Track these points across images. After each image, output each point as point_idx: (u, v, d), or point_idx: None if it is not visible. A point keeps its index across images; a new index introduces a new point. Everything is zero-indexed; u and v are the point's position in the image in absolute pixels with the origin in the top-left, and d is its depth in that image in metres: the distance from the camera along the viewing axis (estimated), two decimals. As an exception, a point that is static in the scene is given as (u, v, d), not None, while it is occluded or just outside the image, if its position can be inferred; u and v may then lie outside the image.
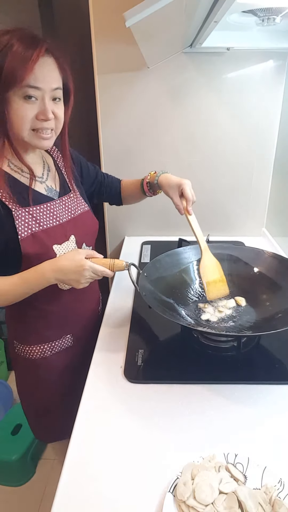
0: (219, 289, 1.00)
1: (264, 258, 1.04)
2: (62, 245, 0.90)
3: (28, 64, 0.73)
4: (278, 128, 1.41)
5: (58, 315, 0.98)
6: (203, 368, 0.86)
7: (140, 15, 0.68)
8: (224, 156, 1.46)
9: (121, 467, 0.65)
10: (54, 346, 1.00)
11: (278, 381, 0.82)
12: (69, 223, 0.93)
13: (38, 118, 0.79)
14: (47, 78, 0.77)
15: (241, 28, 1.02)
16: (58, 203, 0.92)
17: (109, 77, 1.34)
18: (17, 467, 1.50)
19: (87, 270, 0.81)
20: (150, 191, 1.12)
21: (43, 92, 0.77)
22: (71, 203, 0.96)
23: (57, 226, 0.90)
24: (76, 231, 0.94)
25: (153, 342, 0.96)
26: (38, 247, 0.85)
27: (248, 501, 0.56)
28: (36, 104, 0.78)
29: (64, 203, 0.94)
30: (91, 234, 1.02)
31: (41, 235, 0.86)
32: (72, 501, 0.60)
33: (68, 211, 0.95)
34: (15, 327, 1.01)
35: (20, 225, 0.83)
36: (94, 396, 0.79)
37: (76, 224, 0.95)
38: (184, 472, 0.61)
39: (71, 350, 1.04)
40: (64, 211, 0.93)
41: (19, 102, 0.76)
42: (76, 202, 0.98)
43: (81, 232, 0.96)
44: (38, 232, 0.85)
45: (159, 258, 1.04)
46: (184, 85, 1.35)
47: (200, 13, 0.83)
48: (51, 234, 0.87)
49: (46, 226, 0.87)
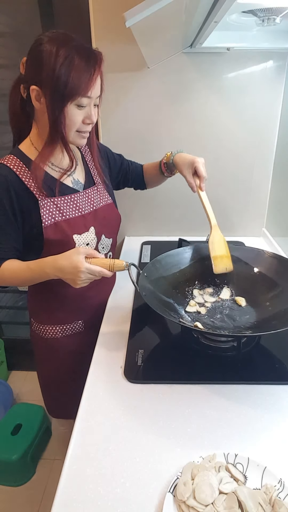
0: (225, 263, 1.04)
1: (264, 258, 1.04)
2: (82, 235, 0.96)
3: (91, 81, 0.82)
4: (278, 128, 1.40)
5: (72, 299, 1.05)
6: (203, 368, 0.86)
7: (140, 15, 0.68)
8: (224, 156, 1.46)
9: (121, 467, 0.65)
10: (65, 329, 1.08)
11: (278, 381, 0.82)
12: (90, 215, 0.99)
13: (85, 122, 0.88)
14: (96, 89, 0.85)
15: (241, 28, 1.02)
16: (82, 195, 0.98)
17: (109, 77, 1.34)
18: (17, 467, 1.50)
19: (82, 272, 0.81)
20: (168, 171, 1.16)
21: (91, 100, 0.86)
22: (94, 195, 1.02)
23: (78, 217, 0.96)
24: (96, 223, 1.00)
25: (153, 342, 0.96)
26: (59, 235, 0.92)
27: (248, 501, 0.56)
28: (84, 110, 0.86)
29: (88, 195, 1.00)
30: (112, 227, 1.08)
31: (63, 224, 0.92)
32: (72, 501, 0.60)
33: (91, 203, 1.00)
34: (34, 305, 1.11)
35: (45, 214, 0.90)
36: (94, 396, 0.79)
37: (97, 216, 1.01)
38: (184, 472, 0.61)
39: (81, 335, 1.11)
40: (86, 203, 0.99)
41: (73, 109, 0.84)
42: (99, 195, 1.04)
43: (101, 224, 1.02)
44: (60, 221, 0.92)
45: (159, 258, 1.04)
46: (184, 85, 1.35)
47: (200, 13, 0.83)
48: (72, 224, 0.94)
49: (69, 217, 0.94)
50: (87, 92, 0.82)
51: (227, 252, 1.05)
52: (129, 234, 1.64)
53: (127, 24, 0.70)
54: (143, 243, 1.55)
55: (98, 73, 0.84)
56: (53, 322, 1.08)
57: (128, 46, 1.27)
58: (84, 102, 0.84)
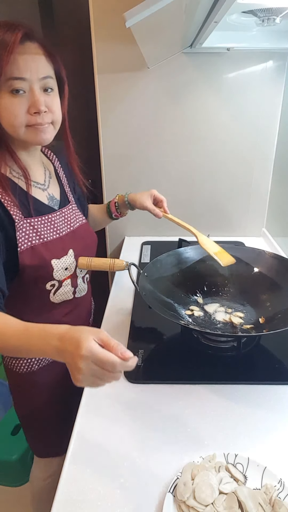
0: (227, 256, 1.02)
1: (265, 258, 1.04)
2: (61, 259, 0.86)
3: (5, 54, 0.66)
4: (278, 128, 1.40)
5: None
6: (203, 368, 0.86)
7: (140, 15, 0.68)
8: (224, 156, 1.46)
9: (121, 467, 0.65)
10: (41, 359, 0.93)
11: (278, 381, 0.82)
12: (68, 236, 0.89)
13: (30, 112, 0.73)
14: (31, 67, 0.70)
15: (241, 28, 1.02)
16: (59, 215, 0.89)
17: (109, 77, 1.34)
18: (17, 467, 1.50)
19: (82, 358, 0.52)
20: (118, 212, 1.12)
21: (30, 83, 0.71)
22: (70, 214, 0.92)
23: (56, 239, 0.86)
24: (75, 245, 0.90)
25: (153, 342, 0.96)
26: (36, 260, 0.80)
27: (248, 501, 0.56)
28: (25, 97, 0.72)
29: (64, 214, 0.91)
30: (90, 248, 0.98)
31: (41, 248, 0.81)
32: (72, 501, 0.60)
33: (68, 223, 0.91)
34: None
35: (21, 237, 0.79)
36: (94, 396, 0.79)
37: (75, 237, 0.92)
38: (184, 472, 0.61)
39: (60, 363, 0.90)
40: (63, 223, 0.90)
41: (6, 97, 0.70)
42: (75, 214, 0.95)
43: (80, 245, 0.92)
44: (38, 245, 0.81)
45: (159, 258, 1.04)
46: (184, 85, 1.35)
47: (200, 13, 0.83)
48: (50, 248, 0.84)
49: (46, 239, 0.83)
50: (5, 70, 0.67)
51: (220, 247, 1.05)
52: (129, 234, 1.63)
53: (127, 24, 0.70)
54: (143, 243, 1.55)
55: (15, 45, 0.67)
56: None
57: (128, 46, 1.27)
58: (18, 85, 0.70)
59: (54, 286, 0.86)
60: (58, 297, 0.89)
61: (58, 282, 0.86)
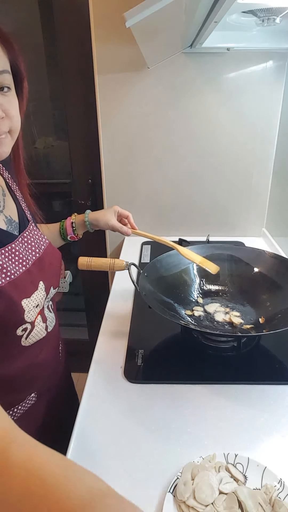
0: (211, 264, 1.02)
1: (265, 258, 1.04)
2: (32, 297, 0.69)
3: None
4: (278, 128, 1.41)
5: (21, 375, 0.75)
6: (203, 368, 0.86)
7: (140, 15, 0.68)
8: (224, 156, 1.46)
9: (120, 467, 0.65)
10: (16, 411, 0.77)
11: (278, 381, 0.82)
12: (35, 266, 0.72)
13: None
14: None
15: (241, 28, 1.02)
16: (21, 242, 0.71)
17: (109, 77, 1.34)
18: None
19: None
20: (74, 233, 0.99)
21: None
22: (33, 238, 0.75)
23: (24, 273, 0.69)
24: (44, 275, 0.74)
25: (153, 342, 0.96)
26: (3, 305, 0.63)
27: (248, 501, 0.56)
28: None
29: (27, 239, 0.73)
30: (57, 273, 0.82)
31: (8, 288, 0.63)
32: (72, 501, 0.60)
33: (32, 249, 0.73)
34: None
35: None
36: (94, 396, 0.79)
37: (43, 265, 0.75)
38: (184, 472, 0.61)
39: (35, 407, 0.81)
40: (28, 250, 0.72)
41: None
42: (38, 236, 0.77)
43: (49, 274, 0.76)
44: (4, 285, 0.63)
45: (159, 258, 1.04)
46: (184, 85, 1.35)
47: (200, 13, 0.83)
48: (19, 286, 0.66)
49: (14, 276, 0.65)
50: None
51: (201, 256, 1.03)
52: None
53: (127, 24, 0.70)
54: (143, 243, 1.55)
55: None
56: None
57: (128, 46, 1.27)
58: None
59: (27, 330, 0.70)
60: (30, 340, 0.72)
61: (30, 324, 0.70)
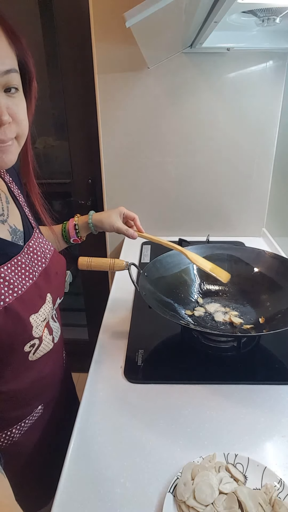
0: (222, 271, 1.00)
1: (265, 258, 1.04)
2: (40, 312, 0.65)
3: None
4: (278, 128, 1.41)
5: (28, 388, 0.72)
6: (203, 368, 0.86)
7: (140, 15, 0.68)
8: (224, 156, 1.46)
9: (121, 467, 0.65)
10: (23, 425, 0.75)
11: (278, 381, 0.82)
12: (42, 278, 0.68)
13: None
14: None
15: (241, 28, 1.02)
16: (27, 252, 0.67)
17: (109, 77, 1.34)
18: None
19: None
20: (78, 236, 0.94)
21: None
22: (39, 247, 0.70)
23: (31, 287, 0.65)
24: (51, 286, 0.70)
25: (153, 342, 0.96)
26: (11, 324, 0.58)
27: (248, 501, 0.56)
28: None
29: (32, 249, 0.69)
30: (63, 282, 0.78)
31: (16, 305, 0.60)
32: (72, 501, 0.60)
33: (38, 259, 0.69)
34: None
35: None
36: (94, 396, 0.79)
37: (49, 276, 0.70)
38: (184, 472, 0.61)
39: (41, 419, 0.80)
40: (34, 261, 0.68)
41: None
42: (43, 244, 0.73)
43: (55, 285, 0.72)
44: (12, 302, 0.59)
45: (159, 258, 1.04)
46: (184, 85, 1.35)
47: (200, 13, 0.83)
48: (26, 301, 0.62)
49: (21, 291, 0.62)
50: None
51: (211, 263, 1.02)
52: (129, 234, 1.64)
53: (127, 24, 0.70)
54: (143, 243, 1.55)
55: None
56: (7, 426, 0.71)
57: (128, 46, 1.27)
58: None
59: (34, 346, 0.66)
60: (38, 354, 0.69)
61: (38, 339, 0.66)
